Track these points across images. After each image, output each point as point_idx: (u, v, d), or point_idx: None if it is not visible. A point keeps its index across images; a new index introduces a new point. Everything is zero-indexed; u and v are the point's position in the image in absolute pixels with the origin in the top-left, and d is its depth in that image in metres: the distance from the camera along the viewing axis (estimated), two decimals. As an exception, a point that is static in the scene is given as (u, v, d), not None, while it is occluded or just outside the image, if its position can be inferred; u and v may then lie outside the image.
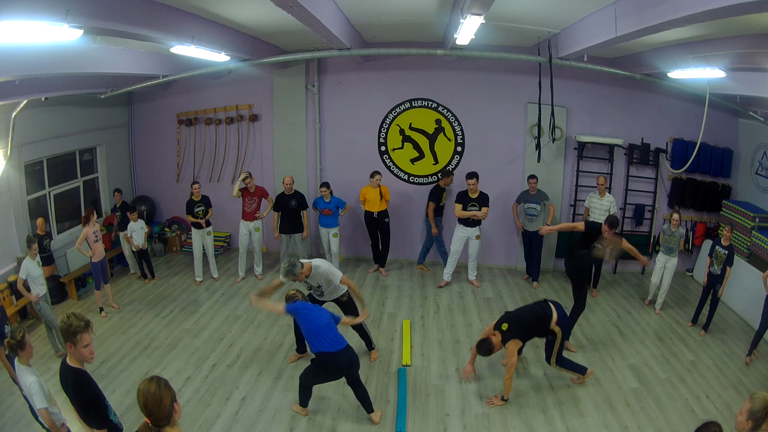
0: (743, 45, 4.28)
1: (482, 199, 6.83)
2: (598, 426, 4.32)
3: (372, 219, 7.35)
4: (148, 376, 2.26)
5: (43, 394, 3.26)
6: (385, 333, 5.95)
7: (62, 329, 2.75)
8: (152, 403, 2.15)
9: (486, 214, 6.86)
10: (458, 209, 6.87)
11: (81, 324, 2.74)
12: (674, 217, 6.22)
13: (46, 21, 2.97)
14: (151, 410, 2.16)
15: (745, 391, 4.79)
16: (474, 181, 6.71)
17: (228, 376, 5.04)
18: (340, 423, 4.36)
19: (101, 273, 6.22)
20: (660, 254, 6.45)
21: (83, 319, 2.77)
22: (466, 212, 6.82)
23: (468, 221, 6.89)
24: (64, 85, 6.12)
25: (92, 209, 6.21)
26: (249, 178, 7.02)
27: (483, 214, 6.82)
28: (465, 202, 6.84)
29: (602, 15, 4.23)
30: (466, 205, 6.83)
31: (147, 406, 2.16)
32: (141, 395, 2.17)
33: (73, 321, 2.73)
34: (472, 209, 6.81)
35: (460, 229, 7.00)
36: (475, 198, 6.81)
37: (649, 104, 7.41)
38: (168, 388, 2.23)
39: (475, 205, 6.81)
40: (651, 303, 6.66)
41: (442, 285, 7.22)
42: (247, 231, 7.30)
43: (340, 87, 7.85)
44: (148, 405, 2.16)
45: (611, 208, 6.83)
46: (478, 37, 4.27)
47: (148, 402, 2.15)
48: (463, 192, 6.90)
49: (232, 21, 5.12)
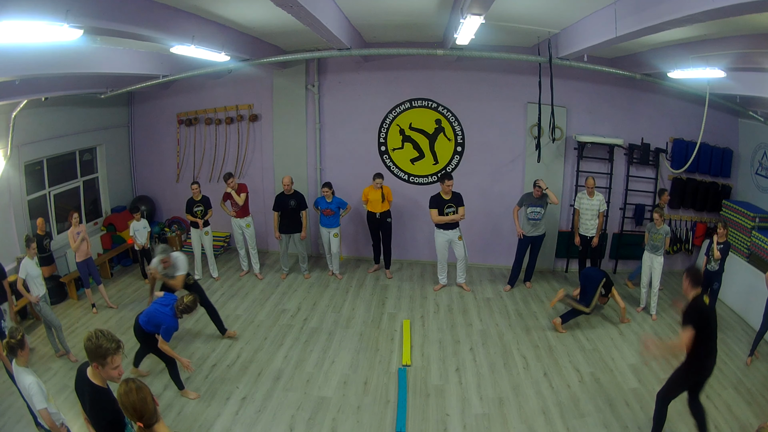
0: (743, 45, 4.28)
1: (457, 199, 6.69)
2: (598, 426, 4.32)
3: (374, 219, 7.33)
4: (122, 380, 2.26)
5: (42, 394, 3.25)
6: (385, 333, 5.95)
7: (90, 349, 2.54)
8: (140, 405, 2.17)
9: (463, 215, 6.71)
10: (434, 215, 6.70)
11: (112, 346, 2.56)
12: (655, 216, 6.18)
13: (46, 21, 2.96)
14: (141, 412, 2.17)
15: (745, 391, 4.80)
16: (450, 182, 6.58)
17: (228, 376, 5.04)
18: (340, 423, 4.36)
19: (88, 273, 6.32)
20: (645, 252, 6.40)
21: (114, 340, 2.59)
22: (444, 217, 6.68)
23: (447, 224, 6.75)
24: (64, 85, 6.13)
25: (73, 211, 6.26)
26: (232, 178, 7.09)
27: (460, 216, 6.68)
28: (441, 205, 6.68)
29: (602, 15, 4.23)
30: (442, 209, 6.68)
31: (136, 410, 2.17)
32: (126, 402, 2.17)
33: (104, 342, 2.54)
34: (448, 211, 6.68)
35: (440, 233, 6.84)
36: (449, 199, 6.67)
37: (649, 104, 7.41)
38: (143, 385, 2.26)
39: (451, 206, 6.67)
40: (644, 310, 6.51)
41: (437, 289, 7.20)
42: (239, 228, 7.35)
43: (340, 87, 7.85)
44: (137, 408, 2.17)
45: (600, 207, 6.82)
46: (478, 37, 4.27)
47: (136, 405, 2.17)
48: (436, 196, 6.75)
49: (232, 21, 5.12)
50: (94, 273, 6.42)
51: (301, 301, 6.79)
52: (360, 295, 7.02)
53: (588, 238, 6.96)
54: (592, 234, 6.90)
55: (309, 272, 7.66)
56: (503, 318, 6.37)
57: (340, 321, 6.23)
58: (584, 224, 6.93)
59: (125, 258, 8.04)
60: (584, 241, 7.03)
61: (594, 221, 6.87)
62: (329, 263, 7.64)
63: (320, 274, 7.72)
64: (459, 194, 6.73)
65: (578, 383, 4.94)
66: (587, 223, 6.90)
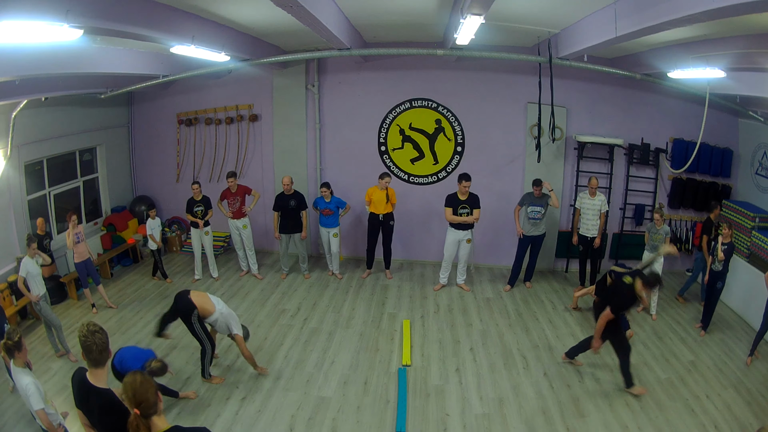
0: (743, 45, 4.28)
1: (473, 201, 6.67)
2: (598, 426, 4.32)
3: (376, 221, 7.25)
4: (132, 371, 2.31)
5: (40, 395, 3.26)
6: (385, 333, 5.95)
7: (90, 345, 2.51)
8: (140, 393, 2.20)
9: (477, 218, 6.71)
10: (448, 213, 6.71)
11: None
12: (656, 216, 6.19)
13: (46, 21, 2.97)
14: (140, 400, 2.19)
15: (745, 391, 4.80)
16: (468, 183, 6.55)
17: (228, 376, 5.04)
18: (340, 423, 4.36)
19: (86, 273, 6.32)
20: (645, 252, 6.41)
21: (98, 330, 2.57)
22: (456, 217, 6.67)
23: (459, 225, 6.74)
24: (64, 85, 6.13)
25: (71, 212, 6.25)
26: (231, 178, 7.12)
27: (473, 218, 6.67)
28: (455, 205, 6.68)
29: (602, 15, 4.23)
30: (456, 209, 6.68)
31: (135, 396, 2.19)
32: (128, 387, 2.21)
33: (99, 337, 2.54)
34: (462, 212, 6.68)
35: (452, 232, 6.85)
36: (464, 200, 6.66)
37: (649, 104, 7.41)
38: (151, 378, 2.29)
39: (465, 207, 6.67)
40: (644, 310, 6.50)
41: (437, 288, 7.20)
42: (236, 229, 7.37)
43: (340, 87, 7.85)
44: (137, 395, 2.19)
45: (602, 208, 6.82)
46: (478, 37, 4.27)
47: (137, 392, 2.19)
48: (452, 195, 6.75)
49: (232, 21, 5.12)
50: (93, 273, 6.41)
51: (301, 301, 6.80)
52: (360, 295, 7.02)
53: (588, 239, 6.96)
54: (593, 234, 6.89)
55: (309, 272, 7.66)
56: (503, 318, 6.37)
57: (340, 321, 6.23)
58: (585, 224, 6.93)
59: (125, 258, 8.04)
60: (584, 242, 7.02)
61: (595, 221, 6.86)
62: (329, 263, 7.64)
63: (320, 274, 7.72)
64: (476, 196, 6.71)
65: (578, 383, 4.94)
66: (588, 223, 6.90)
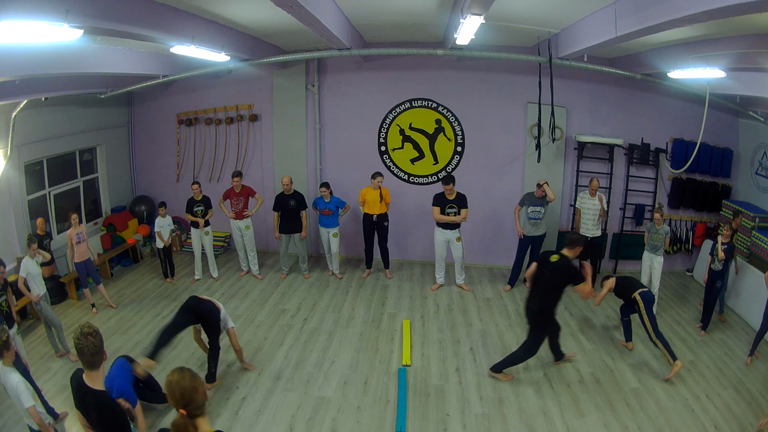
0: (743, 45, 4.28)
1: (460, 201, 6.69)
2: (598, 426, 4.32)
3: (370, 222, 7.25)
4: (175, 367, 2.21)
5: (29, 393, 3.28)
6: (385, 333, 5.95)
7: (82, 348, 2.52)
8: (189, 393, 2.10)
9: (465, 217, 6.71)
10: (436, 213, 6.72)
11: None
12: (656, 216, 6.18)
13: (46, 21, 2.97)
14: (188, 400, 2.09)
15: (745, 391, 4.80)
16: (450, 187, 6.56)
17: (228, 375, 5.04)
18: (340, 423, 4.36)
19: (86, 273, 6.33)
20: (645, 252, 6.40)
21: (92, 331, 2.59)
22: (444, 217, 6.68)
23: (446, 224, 6.75)
24: (64, 85, 6.13)
25: (72, 212, 6.26)
26: (237, 177, 7.13)
27: (461, 218, 6.67)
28: (442, 204, 6.69)
29: (602, 15, 4.24)
30: (443, 208, 6.69)
31: (184, 397, 2.09)
32: (175, 387, 2.11)
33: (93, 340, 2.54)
34: (450, 212, 6.68)
35: (440, 232, 6.86)
36: (452, 200, 6.66)
37: (649, 104, 7.41)
38: (197, 376, 2.19)
39: (453, 207, 6.67)
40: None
41: (435, 288, 7.20)
42: (238, 230, 7.36)
43: (340, 87, 7.85)
44: (186, 395, 2.09)
45: (604, 206, 6.82)
46: (478, 37, 4.27)
47: (186, 393, 2.09)
48: (440, 194, 6.75)
49: (232, 21, 5.12)
50: (93, 273, 6.42)
51: (301, 301, 6.80)
52: (360, 295, 7.02)
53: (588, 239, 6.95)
54: (593, 235, 6.89)
55: (309, 272, 7.66)
56: (503, 318, 6.37)
57: (340, 321, 6.23)
58: (585, 224, 6.92)
59: (125, 258, 8.04)
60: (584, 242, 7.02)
61: (595, 222, 6.86)
62: (329, 263, 7.64)
63: (320, 274, 7.72)
64: (464, 196, 6.72)
65: (578, 383, 4.94)
66: (588, 223, 6.89)
